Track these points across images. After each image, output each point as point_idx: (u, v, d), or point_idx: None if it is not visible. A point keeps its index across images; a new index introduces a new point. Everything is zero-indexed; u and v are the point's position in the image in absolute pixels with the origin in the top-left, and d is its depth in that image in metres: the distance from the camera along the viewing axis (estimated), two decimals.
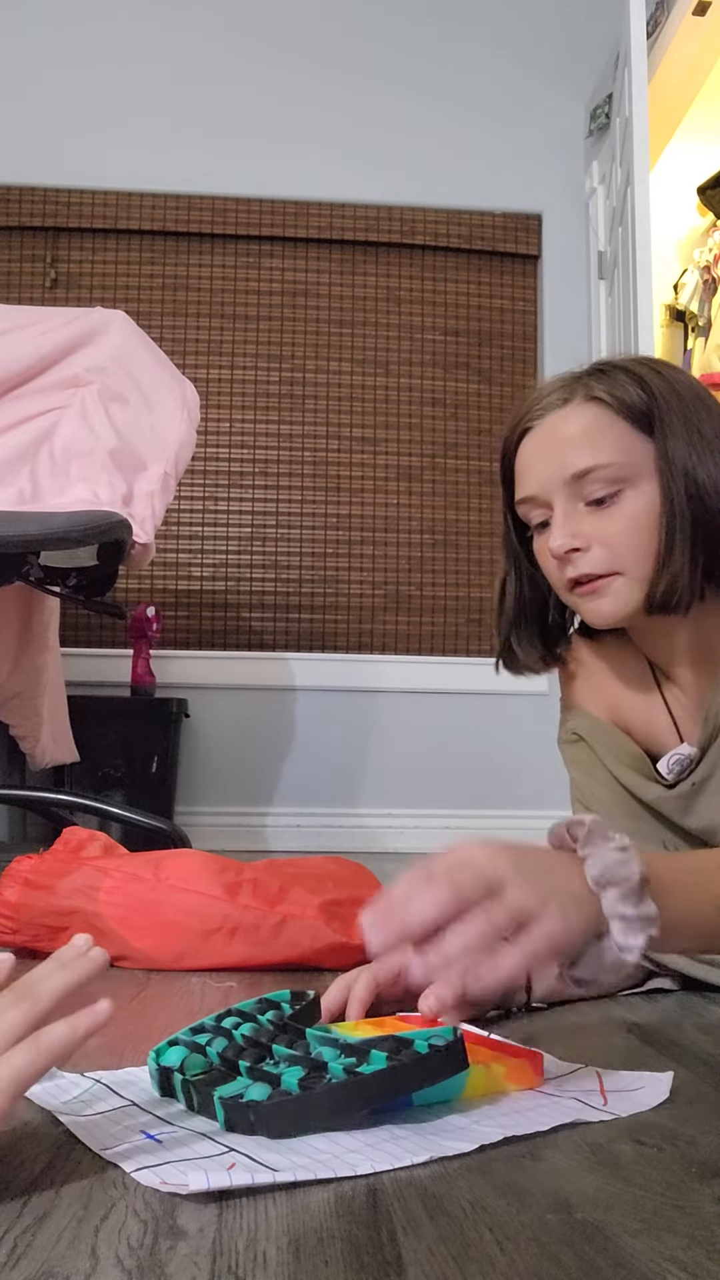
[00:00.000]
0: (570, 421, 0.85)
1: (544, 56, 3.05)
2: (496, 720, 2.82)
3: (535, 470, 0.87)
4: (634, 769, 0.95)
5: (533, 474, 0.87)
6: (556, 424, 0.86)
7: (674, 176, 3.18)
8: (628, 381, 0.85)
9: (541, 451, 0.87)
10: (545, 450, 0.86)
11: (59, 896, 1.00)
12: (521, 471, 0.89)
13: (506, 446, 0.91)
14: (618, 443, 0.84)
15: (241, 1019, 0.65)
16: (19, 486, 1.58)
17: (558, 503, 0.85)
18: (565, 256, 3.01)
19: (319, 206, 2.96)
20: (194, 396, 1.82)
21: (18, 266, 2.90)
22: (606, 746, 0.96)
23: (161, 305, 2.92)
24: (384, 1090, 0.53)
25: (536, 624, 0.95)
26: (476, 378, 2.99)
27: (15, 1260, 0.39)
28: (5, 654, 1.81)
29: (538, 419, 0.88)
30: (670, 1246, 0.40)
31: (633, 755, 0.95)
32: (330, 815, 2.76)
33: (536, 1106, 0.57)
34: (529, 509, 0.89)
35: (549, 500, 0.86)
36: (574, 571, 0.85)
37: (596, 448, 0.84)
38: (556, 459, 0.85)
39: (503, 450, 0.92)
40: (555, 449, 0.85)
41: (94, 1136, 0.52)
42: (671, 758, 0.92)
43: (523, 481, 0.89)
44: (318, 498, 2.91)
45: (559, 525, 0.85)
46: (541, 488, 0.86)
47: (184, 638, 2.83)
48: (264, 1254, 0.40)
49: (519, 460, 0.90)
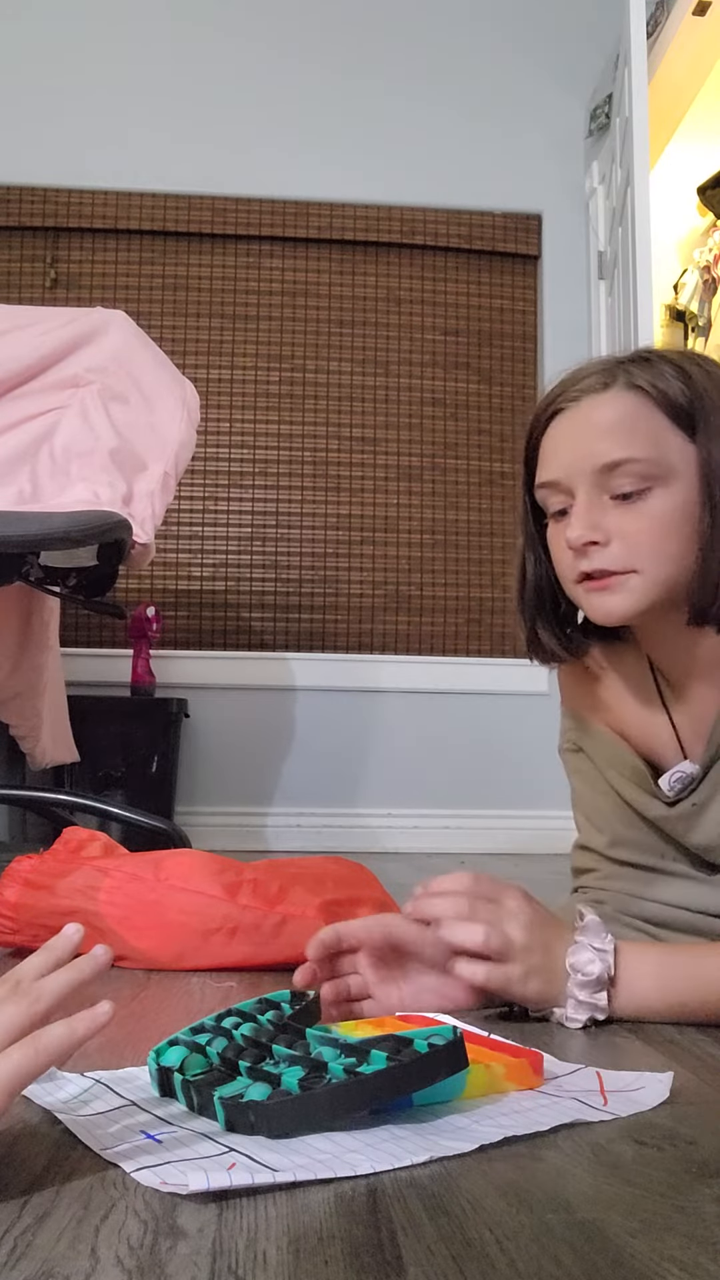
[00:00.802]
0: (607, 409, 0.80)
1: (544, 57, 3.05)
2: (496, 720, 2.82)
3: (562, 455, 0.82)
4: (635, 783, 0.92)
5: (559, 459, 0.82)
6: (591, 409, 0.81)
7: (674, 176, 3.18)
8: (672, 374, 0.80)
9: (572, 437, 0.82)
10: (576, 436, 0.81)
11: (59, 896, 1.00)
12: (547, 454, 0.84)
13: (534, 425, 0.86)
14: (654, 437, 0.79)
15: (241, 1019, 0.65)
16: (19, 486, 1.58)
17: (581, 492, 0.80)
18: (565, 256, 3.01)
19: (319, 206, 2.96)
20: (194, 396, 1.82)
21: (18, 266, 2.90)
22: (607, 759, 0.94)
23: (162, 305, 2.92)
24: (384, 1090, 0.53)
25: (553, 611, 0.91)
26: (476, 378, 2.99)
27: (15, 1260, 0.39)
28: (5, 654, 1.81)
29: (572, 402, 0.82)
30: (670, 1246, 0.40)
31: (634, 769, 0.92)
32: (330, 815, 2.76)
33: (536, 1106, 0.57)
34: (549, 494, 0.84)
35: (572, 488, 0.81)
36: (588, 566, 0.80)
37: (631, 440, 0.79)
38: (587, 446, 0.80)
39: (530, 428, 0.86)
40: (587, 436, 0.80)
41: (94, 1136, 0.52)
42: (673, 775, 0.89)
43: (547, 465, 0.83)
44: (318, 498, 2.91)
45: (580, 516, 0.80)
46: (566, 474, 0.81)
47: (184, 638, 2.83)
48: (264, 1254, 0.40)
49: (546, 442, 0.84)
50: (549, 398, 0.85)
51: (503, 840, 2.69)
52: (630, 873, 0.93)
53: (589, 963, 0.72)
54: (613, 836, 0.94)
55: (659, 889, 0.91)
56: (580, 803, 0.98)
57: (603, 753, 0.94)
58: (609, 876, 0.94)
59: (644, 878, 0.92)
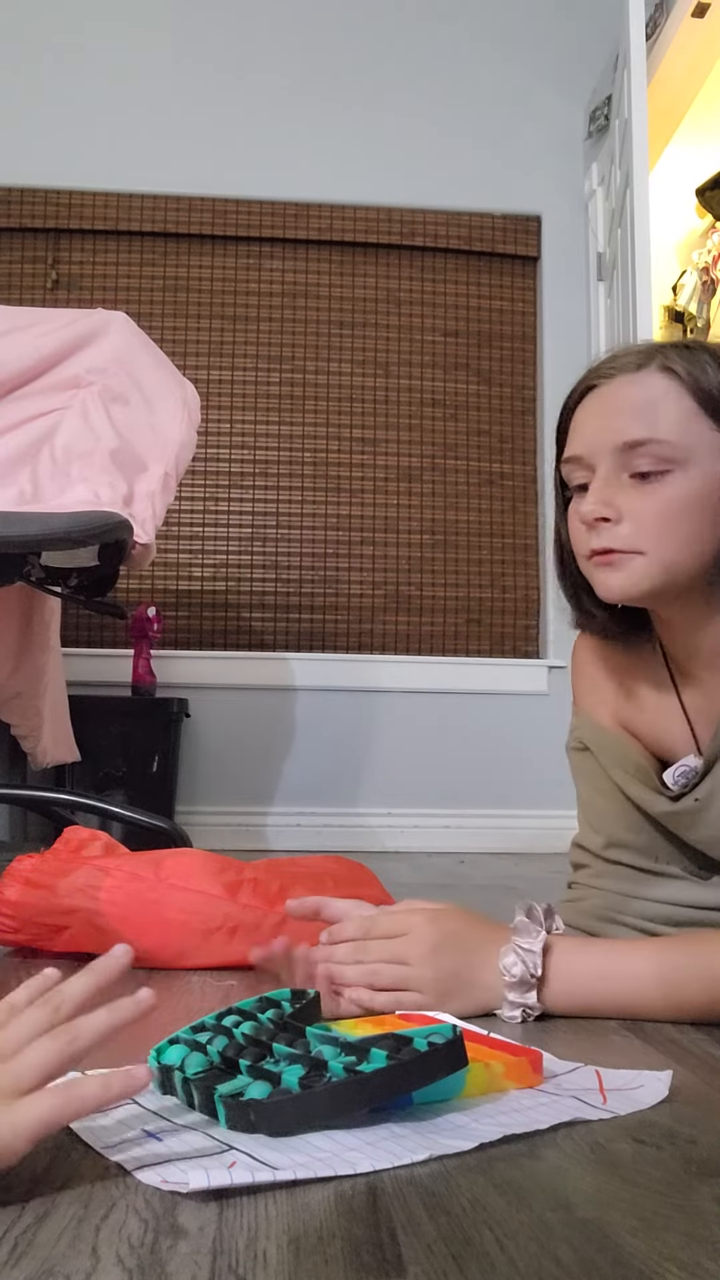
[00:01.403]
0: (637, 388, 0.81)
1: (543, 58, 3.05)
2: (496, 720, 2.82)
3: (587, 431, 0.83)
4: (640, 780, 0.92)
5: (584, 434, 0.83)
6: (622, 387, 0.82)
7: (673, 178, 3.18)
8: (710, 364, 0.81)
9: (599, 413, 0.83)
10: (603, 412, 0.82)
11: (60, 895, 1.00)
12: (575, 429, 0.85)
13: (568, 401, 0.87)
14: (679, 421, 0.79)
15: (242, 1017, 0.65)
16: (20, 487, 1.58)
17: (601, 468, 0.81)
18: (565, 258, 3.01)
19: (319, 208, 2.96)
20: (194, 397, 1.83)
21: (19, 268, 2.90)
22: (612, 757, 0.94)
23: (162, 306, 2.92)
24: (384, 1089, 0.53)
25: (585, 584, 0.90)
26: (476, 379, 2.99)
27: (16, 1259, 0.39)
28: (6, 654, 1.81)
29: (605, 379, 0.83)
30: (669, 1245, 0.40)
31: (638, 766, 0.92)
32: (330, 815, 2.76)
33: (536, 1105, 0.57)
34: (573, 469, 0.84)
35: (593, 464, 0.82)
36: (597, 542, 0.81)
37: (655, 421, 0.79)
38: (612, 423, 0.81)
39: (564, 404, 0.87)
40: (613, 413, 0.81)
41: (95, 1135, 0.52)
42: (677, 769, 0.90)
43: (573, 440, 0.84)
44: (318, 498, 2.91)
45: (595, 491, 0.81)
46: (589, 449, 0.82)
47: (184, 638, 2.83)
48: (264, 1252, 0.40)
49: (576, 417, 0.85)
50: (585, 375, 0.86)
51: (503, 840, 2.69)
52: (623, 871, 0.93)
53: (513, 965, 0.75)
54: (609, 838, 0.94)
55: (651, 888, 0.91)
56: (581, 801, 0.98)
57: (609, 751, 0.94)
58: (600, 875, 0.95)
59: (635, 876, 0.93)
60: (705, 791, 0.87)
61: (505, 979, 0.75)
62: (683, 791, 0.89)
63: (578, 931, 0.90)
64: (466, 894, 1.82)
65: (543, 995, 0.76)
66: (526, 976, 0.75)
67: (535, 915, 0.77)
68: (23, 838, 2.54)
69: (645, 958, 0.77)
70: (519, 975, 0.75)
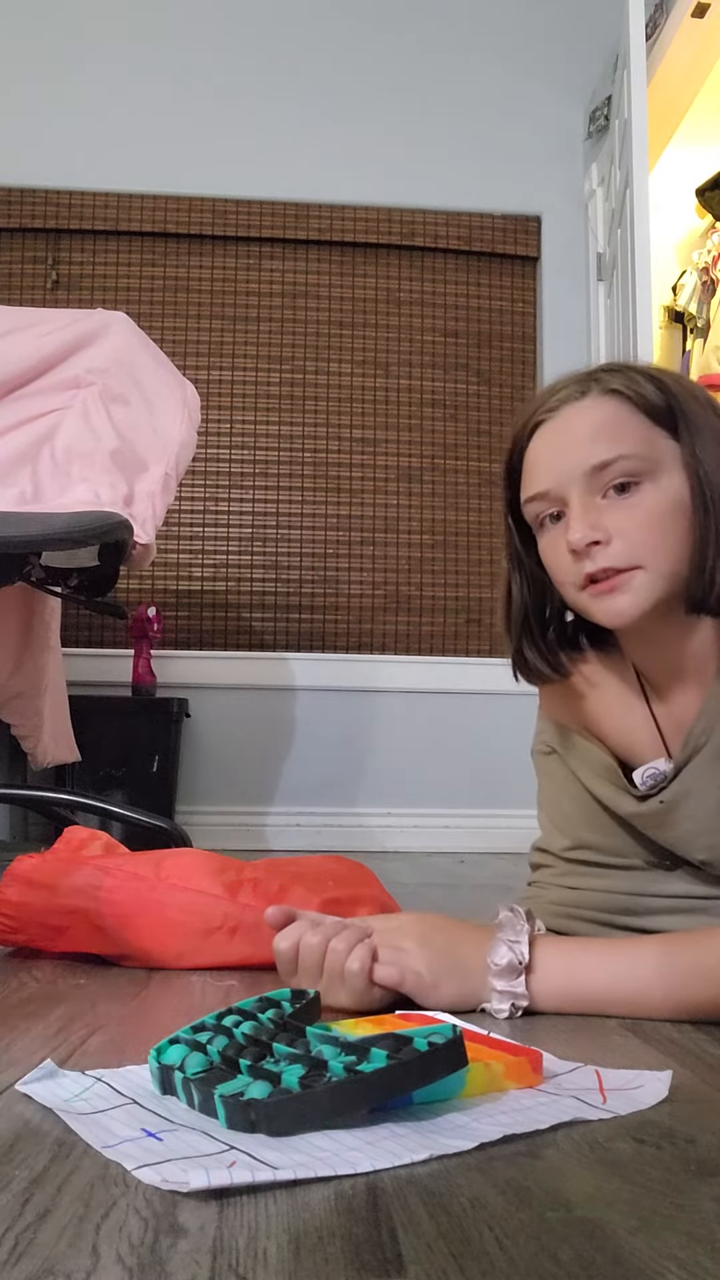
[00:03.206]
0: (589, 414, 0.82)
1: (543, 58, 3.05)
2: (496, 720, 2.82)
3: (550, 465, 0.83)
4: (608, 780, 0.92)
5: (547, 469, 0.83)
6: (574, 416, 0.82)
7: (673, 178, 3.18)
8: (643, 379, 0.83)
9: (557, 446, 0.83)
10: (561, 444, 0.83)
11: (60, 895, 1.00)
12: (533, 467, 0.85)
13: (517, 443, 0.87)
14: (638, 435, 0.81)
15: (242, 1017, 0.65)
16: (20, 487, 1.58)
17: (574, 496, 0.81)
18: (564, 258, 3.01)
19: (319, 208, 2.96)
20: (195, 397, 1.83)
21: (19, 268, 2.91)
22: (580, 758, 0.94)
23: (162, 307, 2.92)
24: (384, 1088, 0.53)
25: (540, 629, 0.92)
26: (476, 379, 2.99)
27: (17, 1258, 0.39)
28: (7, 654, 1.81)
29: (551, 413, 0.84)
30: (669, 1244, 0.41)
31: (606, 766, 0.92)
32: (330, 815, 2.76)
33: (536, 1105, 0.57)
34: (540, 505, 0.84)
35: (564, 495, 0.82)
36: (593, 566, 0.80)
37: (617, 440, 0.80)
38: (574, 451, 0.81)
39: (511, 447, 0.88)
40: (572, 442, 0.82)
41: (95, 1134, 0.52)
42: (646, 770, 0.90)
43: (535, 477, 0.84)
44: (318, 498, 2.92)
45: (578, 518, 0.81)
46: (557, 482, 0.82)
47: (185, 638, 2.84)
48: (264, 1251, 0.40)
49: (530, 455, 0.85)
50: (527, 414, 0.87)
51: (503, 840, 2.69)
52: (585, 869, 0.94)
53: (501, 955, 0.76)
54: (575, 840, 0.95)
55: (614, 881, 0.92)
56: (546, 804, 0.99)
57: (577, 753, 0.95)
58: (564, 874, 0.96)
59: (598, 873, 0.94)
60: (672, 795, 0.88)
61: (492, 969, 0.76)
62: (649, 793, 0.90)
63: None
64: (466, 894, 1.82)
65: (530, 985, 0.76)
66: (515, 963, 0.76)
67: (518, 913, 0.79)
68: (23, 838, 2.54)
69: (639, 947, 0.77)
70: (506, 963, 0.76)
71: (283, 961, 0.79)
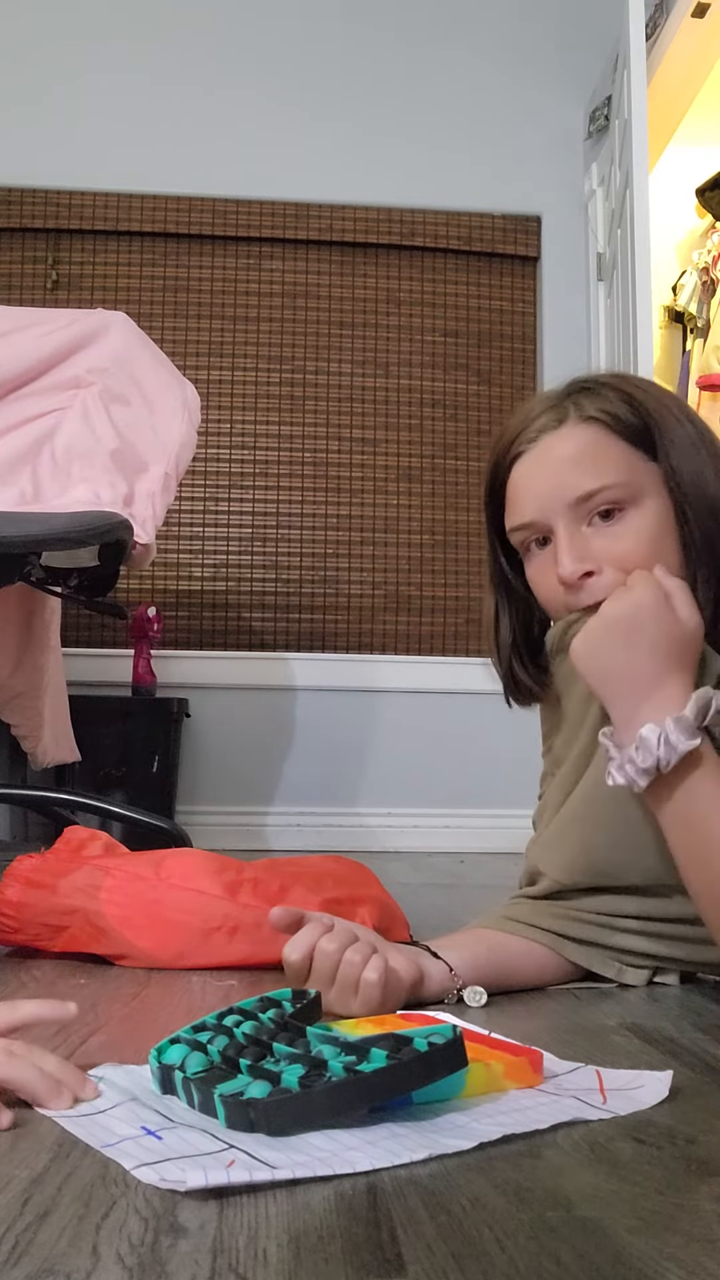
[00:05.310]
0: (568, 443, 0.83)
1: (543, 58, 3.05)
2: (496, 720, 2.80)
3: (533, 495, 0.84)
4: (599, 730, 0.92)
5: (531, 500, 0.84)
6: (554, 446, 0.83)
7: (673, 178, 3.18)
8: (617, 399, 0.83)
9: (538, 477, 0.84)
10: (543, 476, 0.83)
11: (60, 895, 1.00)
12: (516, 498, 0.86)
13: (496, 472, 0.88)
14: (619, 462, 0.82)
15: (242, 1017, 0.65)
16: (20, 487, 1.58)
17: (560, 527, 0.82)
18: (564, 258, 3.01)
19: (319, 208, 2.96)
20: (195, 397, 1.83)
21: (19, 268, 2.90)
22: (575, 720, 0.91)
23: (162, 307, 2.92)
24: (384, 1088, 0.53)
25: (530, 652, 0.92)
26: (476, 379, 2.99)
27: (16, 1258, 0.39)
28: (7, 654, 1.81)
29: (530, 443, 0.85)
30: (669, 1245, 0.41)
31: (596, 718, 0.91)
32: (330, 815, 2.76)
33: (536, 1105, 0.57)
34: (526, 535, 0.86)
35: (549, 525, 0.83)
36: (589, 599, 0.81)
37: (599, 468, 0.81)
38: (557, 482, 0.82)
39: (491, 476, 0.88)
40: (554, 473, 0.83)
41: (95, 1134, 0.52)
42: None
43: (519, 508, 0.85)
44: (318, 498, 2.92)
45: (566, 550, 0.81)
46: (541, 513, 0.83)
47: (185, 638, 2.83)
48: (264, 1251, 0.40)
49: (512, 486, 0.86)
50: (504, 444, 0.87)
51: (502, 840, 2.69)
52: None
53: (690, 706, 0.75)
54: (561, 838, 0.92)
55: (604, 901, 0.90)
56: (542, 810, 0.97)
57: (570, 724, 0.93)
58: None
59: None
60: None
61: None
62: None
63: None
64: (466, 894, 1.82)
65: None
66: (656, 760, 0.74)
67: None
68: (23, 838, 2.54)
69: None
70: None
71: (293, 971, 0.78)
